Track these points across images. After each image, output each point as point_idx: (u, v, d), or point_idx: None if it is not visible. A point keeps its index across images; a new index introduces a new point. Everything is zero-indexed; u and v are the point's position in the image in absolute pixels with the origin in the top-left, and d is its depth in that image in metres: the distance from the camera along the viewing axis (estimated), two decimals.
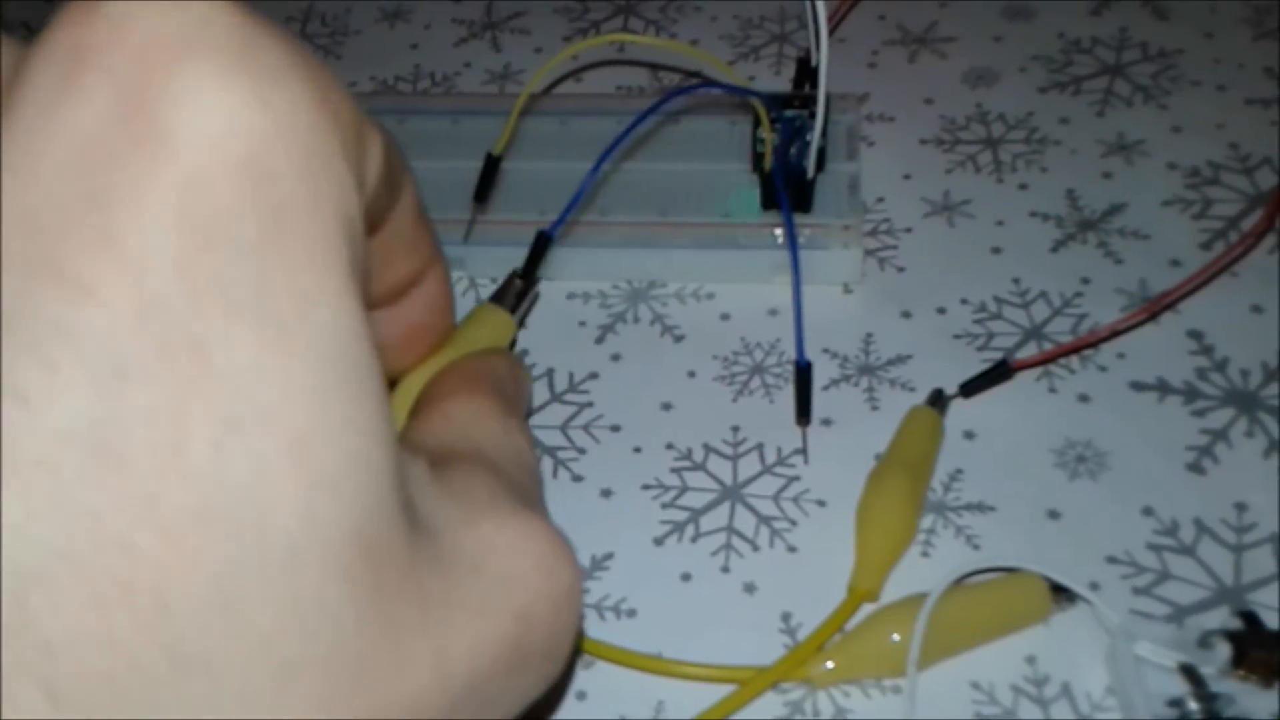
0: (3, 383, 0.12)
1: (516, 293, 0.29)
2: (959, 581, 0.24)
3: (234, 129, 0.13)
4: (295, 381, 0.13)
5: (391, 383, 0.24)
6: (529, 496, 0.19)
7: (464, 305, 0.31)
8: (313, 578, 0.13)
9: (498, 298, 0.28)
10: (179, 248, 0.13)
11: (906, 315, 0.30)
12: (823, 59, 0.28)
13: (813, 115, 0.30)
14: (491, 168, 0.32)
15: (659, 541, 0.27)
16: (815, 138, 0.30)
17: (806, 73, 0.34)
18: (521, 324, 0.29)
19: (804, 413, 0.28)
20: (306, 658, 0.13)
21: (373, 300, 0.21)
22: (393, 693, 0.14)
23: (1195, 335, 0.29)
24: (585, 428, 0.29)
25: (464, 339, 0.26)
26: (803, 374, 0.28)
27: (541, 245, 0.29)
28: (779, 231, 0.31)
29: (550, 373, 0.30)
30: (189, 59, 0.13)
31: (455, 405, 0.21)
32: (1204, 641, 0.23)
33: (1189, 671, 0.23)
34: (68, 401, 0.12)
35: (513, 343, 0.28)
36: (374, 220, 0.18)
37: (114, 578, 0.12)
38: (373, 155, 0.16)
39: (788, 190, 0.30)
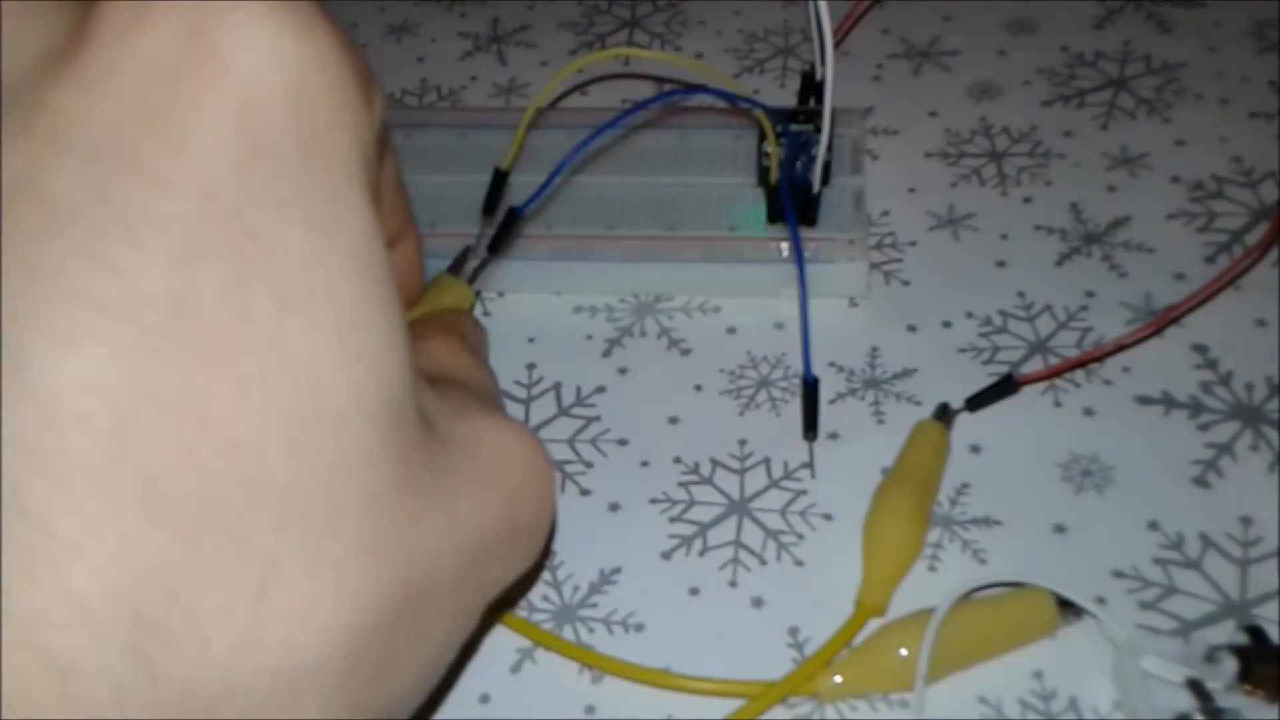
0: (98, 255, 0.14)
1: (474, 264, 0.31)
2: (966, 596, 0.24)
3: (281, 58, 0.15)
4: (336, 270, 0.15)
5: None
6: (501, 410, 0.21)
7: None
8: (356, 435, 0.15)
9: (454, 268, 0.30)
10: (236, 153, 0.15)
11: (912, 329, 0.31)
12: (828, 73, 0.29)
13: (818, 129, 0.30)
14: (500, 182, 0.32)
15: (667, 556, 0.27)
16: (821, 151, 0.30)
17: (811, 86, 0.35)
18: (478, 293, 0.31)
19: (811, 427, 0.28)
20: (352, 499, 0.15)
21: None
22: (416, 544, 0.16)
23: (1200, 349, 0.29)
24: (593, 441, 0.29)
25: (430, 300, 0.28)
26: (810, 389, 0.28)
27: (511, 221, 0.31)
28: (785, 245, 0.31)
29: (557, 386, 0.30)
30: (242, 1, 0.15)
31: (431, 344, 0.23)
32: (1210, 656, 0.23)
33: (1196, 686, 0.23)
34: (151, 271, 0.14)
35: (471, 306, 0.30)
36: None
37: (197, 417, 0.14)
38: (377, 102, 0.18)
39: (794, 204, 0.30)
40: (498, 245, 0.31)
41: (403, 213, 0.24)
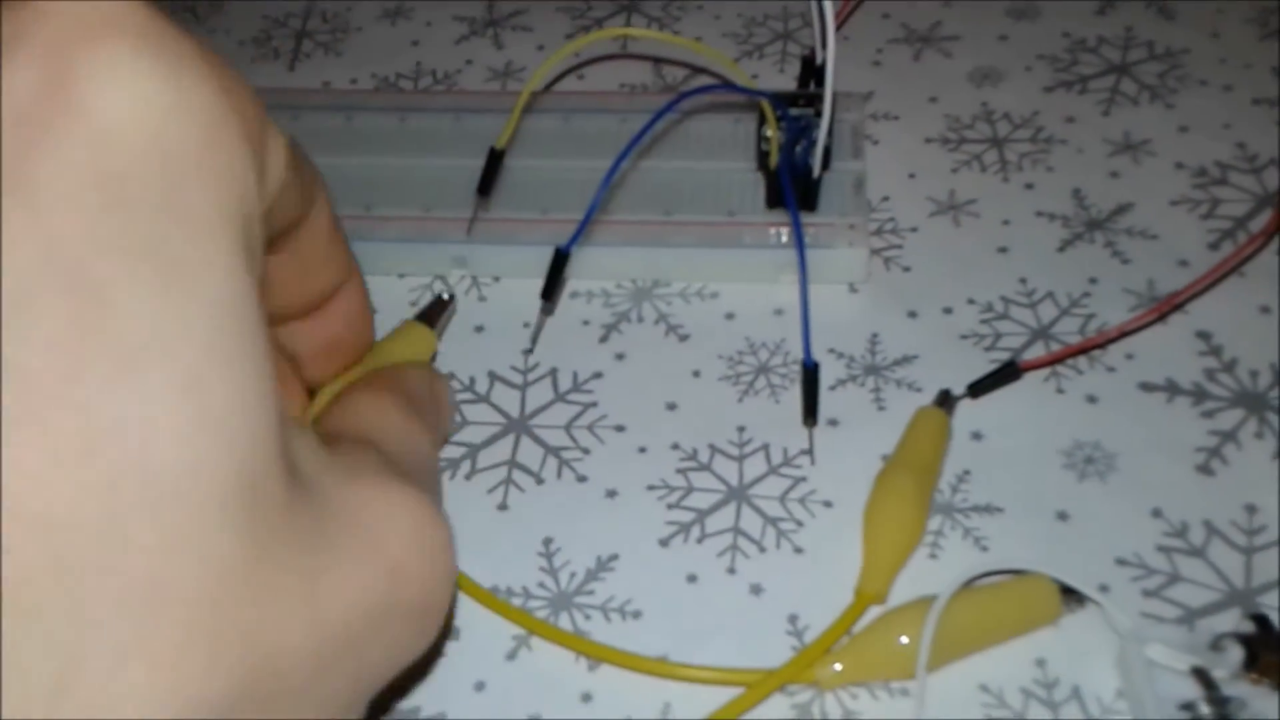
0: None
1: (439, 310, 0.29)
2: (968, 583, 0.24)
3: (142, 101, 0.15)
4: (187, 330, 0.14)
5: (311, 393, 0.25)
6: (420, 483, 0.19)
7: (466, 302, 0.31)
8: (193, 505, 0.14)
9: (423, 315, 0.29)
10: (85, 201, 0.14)
11: (913, 315, 0.30)
12: (829, 55, 0.28)
13: (818, 114, 0.30)
14: (495, 161, 0.31)
15: (664, 543, 0.26)
16: (821, 135, 0.30)
17: (811, 71, 0.34)
18: (440, 337, 0.30)
19: (811, 413, 0.27)
20: (184, 580, 0.14)
21: (293, 311, 0.23)
22: (264, 629, 0.15)
23: (1204, 336, 0.29)
24: (589, 428, 0.29)
25: (383, 352, 0.27)
26: (810, 375, 0.28)
27: (560, 263, 0.29)
28: (784, 230, 0.31)
29: (554, 372, 0.30)
30: (106, 40, 0.15)
31: (359, 398, 0.22)
32: (1216, 644, 0.23)
33: (1201, 675, 0.23)
34: None
35: (433, 357, 0.29)
36: (287, 224, 0.20)
37: (7, 489, 0.13)
38: (275, 152, 0.17)
39: (794, 189, 0.29)
40: (550, 292, 0.29)
41: (341, 260, 0.23)
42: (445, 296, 0.30)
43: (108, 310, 0.14)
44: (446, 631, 0.25)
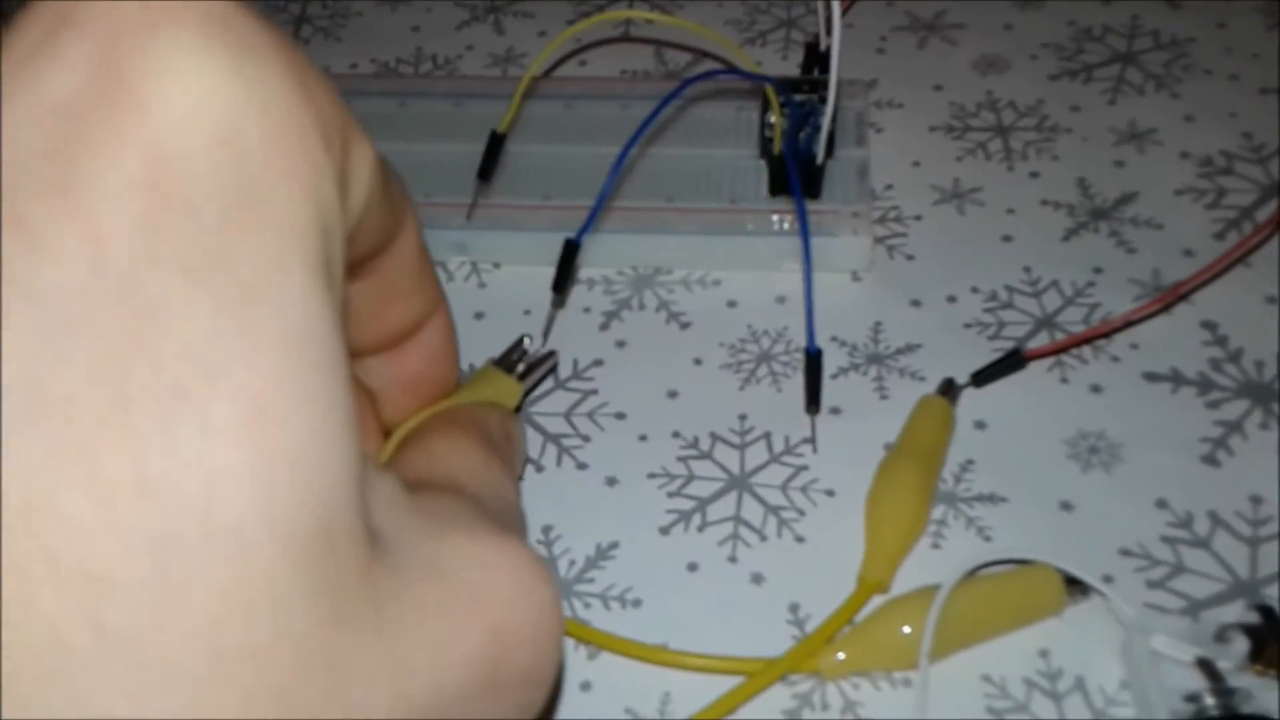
0: None
1: (525, 356, 0.27)
2: (971, 573, 0.24)
3: (209, 98, 0.13)
4: (254, 357, 0.12)
5: (387, 434, 0.23)
6: (511, 528, 0.18)
7: (466, 289, 0.31)
8: (261, 561, 0.12)
9: (503, 360, 0.27)
10: (140, 211, 0.12)
11: (916, 304, 0.30)
12: (835, 40, 0.28)
13: (823, 100, 0.30)
14: (495, 145, 0.31)
15: (665, 531, 0.26)
16: (826, 122, 0.29)
17: (815, 57, 0.34)
18: (530, 391, 0.27)
19: (814, 401, 0.27)
20: (248, 647, 0.12)
21: (372, 344, 0.21)
22: (341, 701, 0.13)
23: (1209, 326, 0.29)
24: (590, 415, 0.28)
25: (465, 395, 0.24)
26: (813, 362, 0.27)
27: (570, 254, 0.28)
28: (787, 217, 0.30)
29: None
30: (170, 27, 0.13)
31: (436, 441, 0.20)
32: (1221, 635, 0.23)
33: (1206, 666, 0.22)
34: (12, 352, 0.11)
35: (518, 407, 0.27)
36: (371, 249, 0.18)
37: (40, 541, 0.11)
38: (360, 160, 0.15)
39: (799, 175, 0.29)
40: (561, 284, 0.29)
41: (429, 292, 0.21)
42: (543, 351, 0.28)
43: (162, 335, 0.12)
44: (554, 700, 0.23)
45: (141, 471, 0.12)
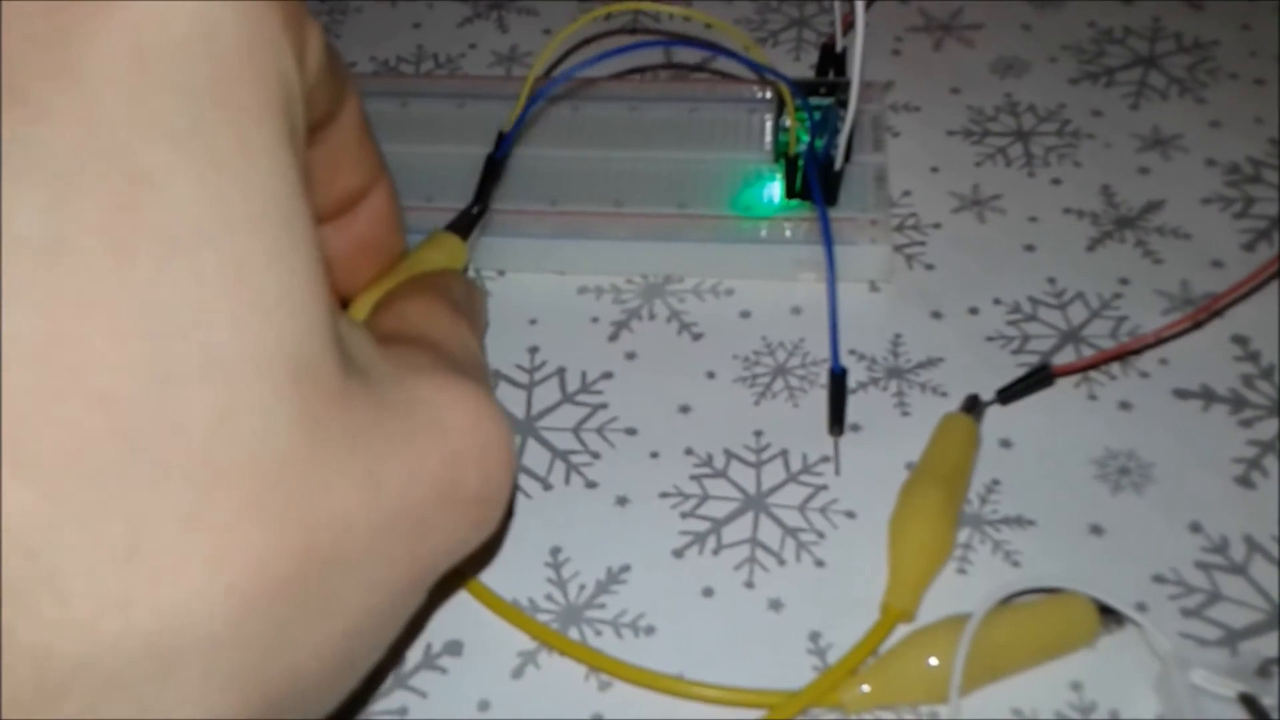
0: None
1: (469, 220, 0.28)
2: (1001, 602, 0.23)
3: None
4: (234, 214, 0.14)
5: (344, 303, 0.24)
6: (474, 375, 0.20)
7: None
8: (247, 389, 0.14)
9: (452, 226, 0.28)
10: (129, 84, 0.14)
11: (937, 315, 0.29)
12: (858, 40, 0.27)
13: (840, 102, 0.29)
14: (492, 172, 0.30)
15: (679, 554, 0.25)
16: (846, 125, 0.28)
17: (831, 59, 0.33)
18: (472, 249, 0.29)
19: (837, 422, 0.26)
20: (241, 456, 0.14)
21: (324, 212, 0.23)
22: (323, 503, 0.15)
23: (1240, 340, 0.28)
24: (599, 430, 0.27)
25: (416, 261, 0.26)
26: (838, 381, 0.26)
27: (491, 171, 0.29)
28: (803, 225, 0.29)
29: (561, 371, 0.28)
30: None
31: (405, 303, 0.22)
32: (1263, 670, 0.22)
33: (1249, 702, 0.21)
34: (27, 209, 0.13)
35: (465, 267, 0.28)
36: (318, 119, 0.19)
37: (66, 367, 0.13)
38: (312, 41, 0.17)
39: (818, 181, 0.28)
40: (482, 197, 0.29)
41: (370, 161, 0.23)
42: (475, 210, 0.29)
43: (156, 194, 0.14)
44: (506, 522, 0.25)
45: (146, 310, 0.14)
